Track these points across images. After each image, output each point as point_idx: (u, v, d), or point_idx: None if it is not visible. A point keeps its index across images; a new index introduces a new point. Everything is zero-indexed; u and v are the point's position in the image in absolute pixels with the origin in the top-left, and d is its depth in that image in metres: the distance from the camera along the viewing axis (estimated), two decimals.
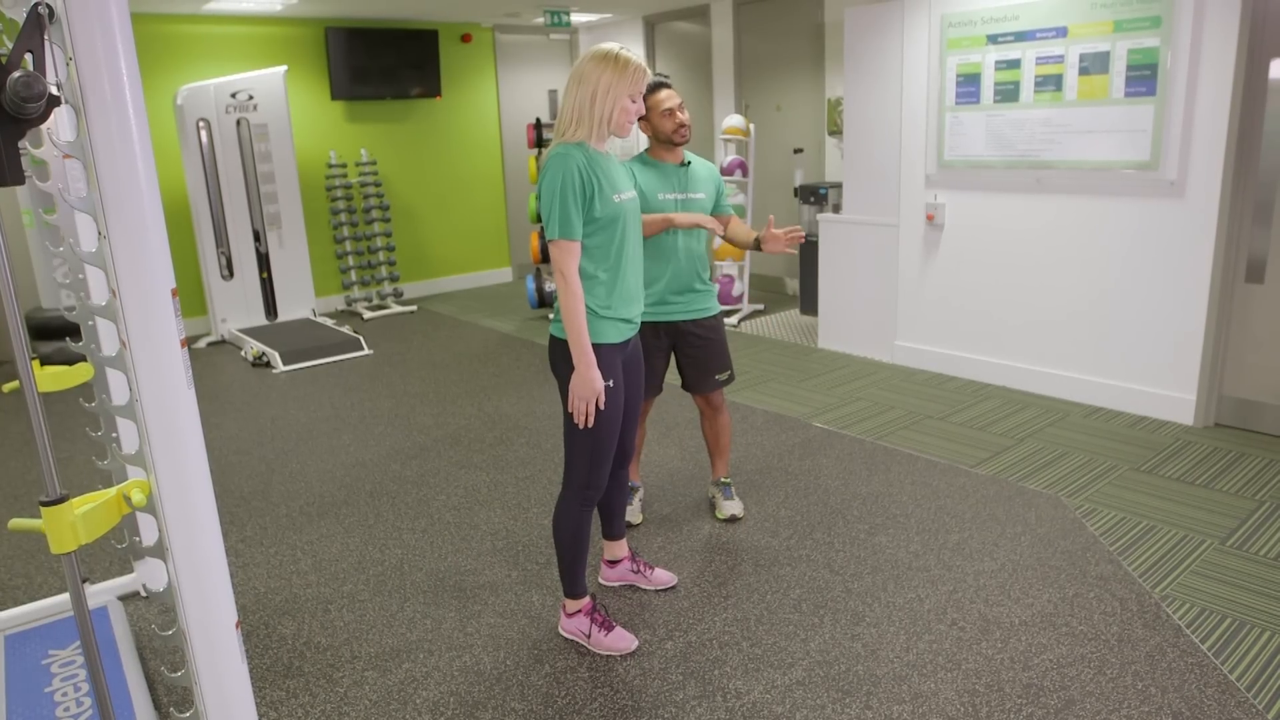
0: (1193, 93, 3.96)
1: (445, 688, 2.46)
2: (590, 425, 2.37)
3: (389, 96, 7.69)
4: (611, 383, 2.39)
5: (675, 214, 3.00)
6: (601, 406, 2.36)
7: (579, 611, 2.63)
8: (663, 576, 2.94)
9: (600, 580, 2.98)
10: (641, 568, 2.94)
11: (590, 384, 2.31)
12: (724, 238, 3.14)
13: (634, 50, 2.35)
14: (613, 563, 2.94)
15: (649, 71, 2.38)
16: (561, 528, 2.54)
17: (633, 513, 3.41)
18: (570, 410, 2.36)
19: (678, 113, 2.98)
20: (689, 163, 3.08)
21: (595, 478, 2.48)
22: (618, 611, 2.80)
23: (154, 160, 1.40)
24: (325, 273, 7.61)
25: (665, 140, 3.02)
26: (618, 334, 2.43)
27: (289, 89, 6.92)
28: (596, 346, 2.36)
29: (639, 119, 2.92)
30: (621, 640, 2.59)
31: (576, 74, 2.33)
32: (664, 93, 2.96)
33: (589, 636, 2.60)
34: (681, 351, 3.19)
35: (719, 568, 3.05)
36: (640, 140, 8.31)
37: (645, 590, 2.92)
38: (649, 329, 3.08)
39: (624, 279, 2.42)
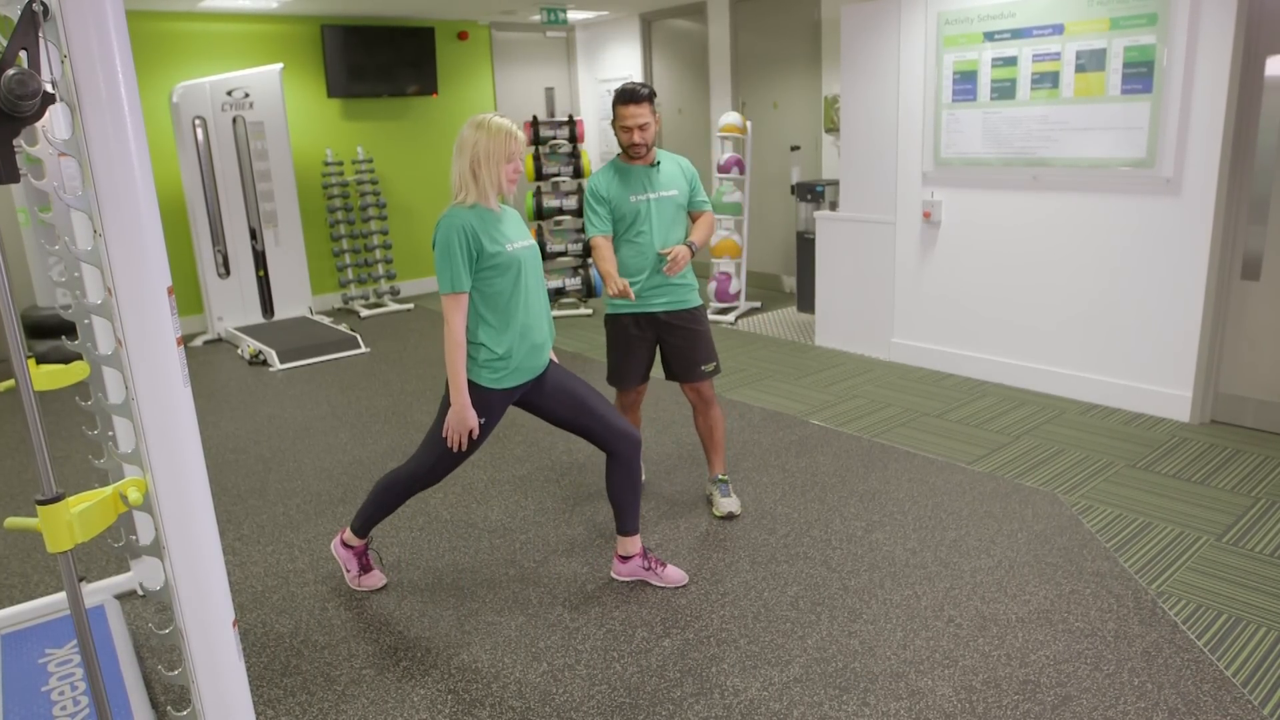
0: (1189, 90, 3.96)
1: (443, 685, 2.46)
2: (460, 449, 2.65)
3: (385, 94, 7.68)
4: (484, 421, 2.64)
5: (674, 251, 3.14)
6: (474, 438, 2.64)
7: (352, 549, 2.95)
8: (674, 575, 2.94)
9: (612, 574, 2.99)
10: (654, 564, 2.93)
11: (464, 421, 2.59)
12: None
13: (505, 116, 2.57)
14: (625, 558, 2.94)
15: (519, 133, 2.56)
16: (386, 487, 2.80)
17: None
18: (444, 433, 2.63)
19: (635, 132, 3.09)
20: (658, 163, 3.20)
21: (430, 477, 2.77)
22: (614, 608, 2.80)
23: (149, 158, 1.40)
24: (322, 271, 7.60)
25: (624, 150, 3.17)
26: (497, 381, 2.63)
27: (285, 87, 6.90)
28: (476, 388, 2.61)
29: (611, 122, 3.17)
30: (373, 579, 2.98)
31: (457, 144, 2.55)
32: (630, 109, 3.08)
33: (349, 572, 2.97)
34: (665, 342, 3.28)
35: (716, 565, 3.05)
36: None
37: (654, 587, 2.92)
38: (631, 320, 3.23)
39: (516, 324, 2.61)
